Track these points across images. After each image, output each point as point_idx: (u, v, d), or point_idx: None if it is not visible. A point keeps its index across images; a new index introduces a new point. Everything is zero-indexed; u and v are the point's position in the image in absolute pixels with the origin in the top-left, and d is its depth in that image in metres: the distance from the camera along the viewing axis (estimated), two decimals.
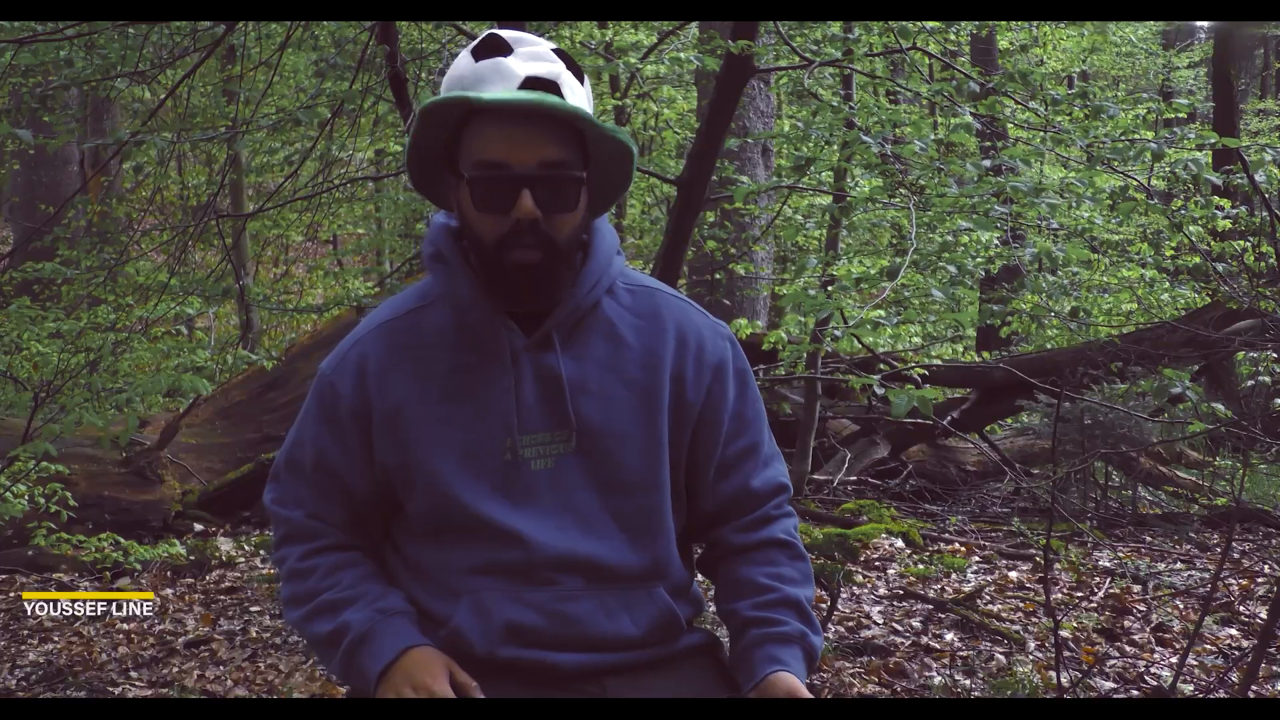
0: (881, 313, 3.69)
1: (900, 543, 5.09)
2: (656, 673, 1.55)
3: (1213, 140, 3.91)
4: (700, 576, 1.72)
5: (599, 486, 1.53)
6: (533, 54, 1.49)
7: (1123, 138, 3.97)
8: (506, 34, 1.52)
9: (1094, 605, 4.22)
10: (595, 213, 1.58)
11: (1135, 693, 3.40)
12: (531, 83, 1.45)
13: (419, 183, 1.56)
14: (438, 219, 1.59)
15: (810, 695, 1.49)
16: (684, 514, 1.64)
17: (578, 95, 1.50)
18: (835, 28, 4.99)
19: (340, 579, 1.53)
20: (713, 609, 1.71)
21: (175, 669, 3.91)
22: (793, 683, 1.49)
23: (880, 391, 3.46)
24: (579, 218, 1.50)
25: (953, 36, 7.18)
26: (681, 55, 4.65)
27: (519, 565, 1.50)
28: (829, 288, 5.28)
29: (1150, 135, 4.04)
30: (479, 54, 1.50)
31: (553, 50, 1.52)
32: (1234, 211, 5.45)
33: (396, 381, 1.53)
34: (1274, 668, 3.53)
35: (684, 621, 1.60)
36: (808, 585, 1.61)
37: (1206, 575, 4.56)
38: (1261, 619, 4.00)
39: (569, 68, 1.51)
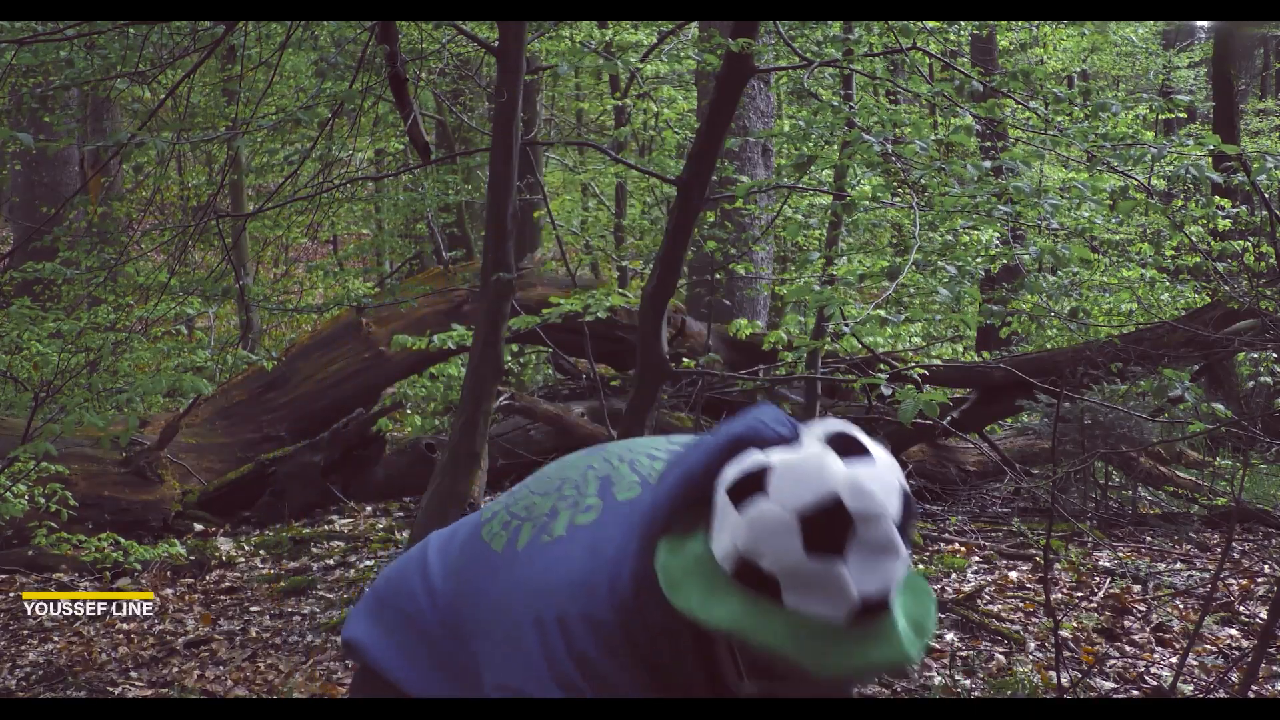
0: (883, 312, 3.69)
1: None
2: None
3: (1211, 147, 3.92)
4: None
5: None
6: (875, 544, 1.14)
7: (1124, 140, 3.97)
8: (847, 493, 1.14)
9: (1094, 605, 4.22)
10: None
11: (1135, 693, 3.40)
12: (864, 613, 1.14)
13: None
14: (576, 620, 1.27)
15: None
16: None
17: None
18: (835, 28, 4.98)
19: None
20: None
21: (175, 669, 3.91)
22: None
23: (888, 393, 3.46)
24: None
25: (953, 37, 7.18)
26: (681, 57, 4.65)
27: None
28: (830, 285, 5.28)
29: (1150, 136, 4.05)
30: (811, 539, 1.13)
31: (898, 508, 1.16)
32: (1234, 211, 5.46)
33: None
34: (1274, 668, 3.53)
35: None
36: None
37: (1206, 575, 4.56)
38: (1261, 619, 3.99)
39: (902, 524, 1.17)
